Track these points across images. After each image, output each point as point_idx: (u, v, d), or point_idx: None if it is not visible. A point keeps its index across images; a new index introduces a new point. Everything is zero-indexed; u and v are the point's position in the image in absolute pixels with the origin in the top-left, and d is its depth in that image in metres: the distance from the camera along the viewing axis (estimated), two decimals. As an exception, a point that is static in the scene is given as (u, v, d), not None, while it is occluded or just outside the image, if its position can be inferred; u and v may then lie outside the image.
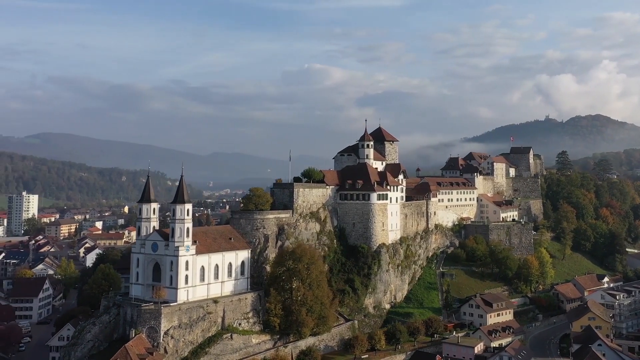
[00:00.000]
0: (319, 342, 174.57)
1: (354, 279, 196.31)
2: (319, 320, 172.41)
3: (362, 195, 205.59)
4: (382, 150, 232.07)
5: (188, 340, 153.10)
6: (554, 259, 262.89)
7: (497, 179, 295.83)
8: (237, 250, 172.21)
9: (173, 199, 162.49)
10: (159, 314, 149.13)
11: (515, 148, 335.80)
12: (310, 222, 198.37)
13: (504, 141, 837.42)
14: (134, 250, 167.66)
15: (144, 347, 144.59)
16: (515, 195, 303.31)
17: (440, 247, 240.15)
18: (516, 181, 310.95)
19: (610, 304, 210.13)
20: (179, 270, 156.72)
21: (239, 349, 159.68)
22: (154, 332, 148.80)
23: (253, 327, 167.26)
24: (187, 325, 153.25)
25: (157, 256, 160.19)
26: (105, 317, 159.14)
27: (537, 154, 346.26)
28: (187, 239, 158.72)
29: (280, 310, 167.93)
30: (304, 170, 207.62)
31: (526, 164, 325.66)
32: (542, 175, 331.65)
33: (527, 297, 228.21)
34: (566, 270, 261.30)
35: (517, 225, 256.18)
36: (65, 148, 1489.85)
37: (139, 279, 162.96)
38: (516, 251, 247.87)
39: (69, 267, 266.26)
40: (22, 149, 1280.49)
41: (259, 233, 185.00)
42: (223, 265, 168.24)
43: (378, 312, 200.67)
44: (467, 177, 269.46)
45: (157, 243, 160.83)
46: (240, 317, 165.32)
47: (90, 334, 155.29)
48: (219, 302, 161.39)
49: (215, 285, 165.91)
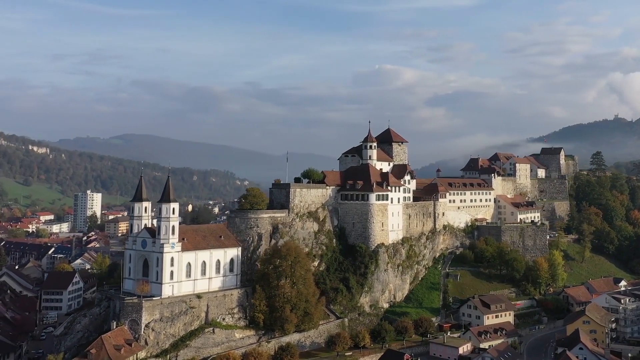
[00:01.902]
0: (304, 338, 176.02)
1: (349, 278, 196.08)
2: (304, 317, 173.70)
3: (361, 195, 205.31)
4: (390, 152, 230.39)
5: (169, 333, 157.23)
6: (573, 261, 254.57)
7: (519, 179, 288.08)
8: (226, 248, 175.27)
9: (160, 198, 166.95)
10: (140, 307, 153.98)
11: (545, 149, 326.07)
12: (307, 222, 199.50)
13: (571, 141, 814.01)
14: (127, 247, 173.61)
15: (123, 339, 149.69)
16: (541, 197, 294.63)
17: (449, 248, 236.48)
18: (543, 182, 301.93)
19: (615, 308, 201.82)
20: (164, 267, 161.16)
21: (220, 343, 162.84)
22: (136, 324, 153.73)
23: (238, 323, 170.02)
24: (168, 318, 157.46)
25: (146, 252, 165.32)
26: (96, 310, 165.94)
27: (571, 155, 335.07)
28: (172, 236, 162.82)
29: (265, 307, 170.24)
30: (304, 171, 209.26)
31: (557, 165, 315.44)
32: (573, 176, 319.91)
33: (534, 299, 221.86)
34: (584, 273, 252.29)
35: (531, 227, 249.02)
36: (146, 148, 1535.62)
37: (131, 274, 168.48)
38: (530, 253, 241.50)
39: (104, 262, 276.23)
40: (106, 150, 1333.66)
41: (252, 231, 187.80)
42: (211, 262, 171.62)
43: (375, 311, 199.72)
44: (484, 177, 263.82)
45: (145, 240, 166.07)
46: (224, 312, 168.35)
47: (80, 325, 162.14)
48: (203, 297, 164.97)
49: (202, 281, 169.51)
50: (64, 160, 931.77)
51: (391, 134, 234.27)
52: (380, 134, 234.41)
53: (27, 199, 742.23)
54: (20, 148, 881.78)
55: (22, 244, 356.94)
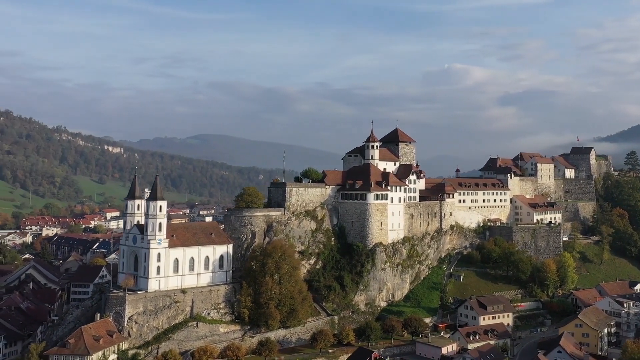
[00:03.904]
0: (291, 334, 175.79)
1: (343, 276, 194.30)
2: (289, 314, 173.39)
3: (360, 195, 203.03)
4: (397, 151, 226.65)
5: (153, 326, 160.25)
6: (590, 263, 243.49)
7: (541, 180, 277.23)
8: (216, 245, 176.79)
9: (148, 197, 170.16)
10: (124, 300, 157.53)
11: (576, 148, 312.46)
12: (304, 220, 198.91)
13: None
14: (121, 242, 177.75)
15: (105, 330, 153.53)
16: (566, 197, 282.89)
17: (456, 248, 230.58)
18: (568, 183, 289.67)
19: (618, 312, 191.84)
20: (150, 262, 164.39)
21: (204, 336, 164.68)
22: (119, 316, 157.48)
23: (223, 317, 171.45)
24: (152, 312, 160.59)
25: (136, 248, 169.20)
26: (88, 302, 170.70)
27: (603, 155, 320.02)
28: (159, 233, 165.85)
29: (251, 303, 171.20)
30: (303, 171, 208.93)
31: (587, 165, 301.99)
32: (604, 176, 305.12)
33: (539, 301, 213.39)
34: (602, 276, 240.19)
35: (544, 228, 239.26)
36: (219, 148, 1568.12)
37: (124, 268, 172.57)
38: (543, 254, 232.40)
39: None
40: (182, 149, 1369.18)
41: (246, 229, 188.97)
42: (199, 259, 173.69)
43: (370, 309, 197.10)
44: (500, 178, 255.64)
45: (136, 236, 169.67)
46: (210, 307, 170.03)
47: (72, 316, 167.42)
48: (188, 292, 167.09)
49: (190, 276, 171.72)
50: (136, 160, 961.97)
51: (398, 134, 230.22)
52: (387, 134, 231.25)
53: (101, 197, 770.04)
54: (96, 148, 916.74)
55: (72, 239, 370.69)
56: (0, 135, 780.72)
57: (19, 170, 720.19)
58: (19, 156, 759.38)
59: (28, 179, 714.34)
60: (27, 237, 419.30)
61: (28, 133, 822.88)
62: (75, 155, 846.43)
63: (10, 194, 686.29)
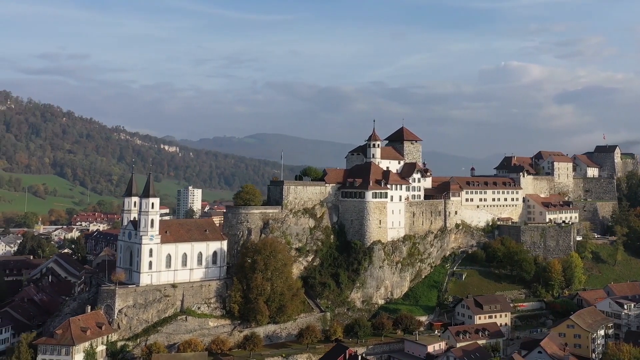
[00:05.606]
0: (280, 329, 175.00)
1: (339, 273, 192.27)
2: (278, 309, 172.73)
3: (359, 193, 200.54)
4: (402, 150, 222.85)
5: (142, 319, 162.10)
6: (604, 264, 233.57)
7: (558, 179, 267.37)
8: (209, 241, 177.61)
9: (141, 194, 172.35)
10: (114, 294, 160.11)
11: (600, 147, 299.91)
12: (302, 218, 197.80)
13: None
14: (119, 238, 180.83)
15: (95, 322, 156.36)
16: (586, 197, 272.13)
17: (462, 247, 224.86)
18: (589, 182, 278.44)
19: (618, 313, 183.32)
20: (142, 257, 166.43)
21: (193, 330, 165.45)
22: (110, 309, 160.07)
23: (214, 312, 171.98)
24: (142, 305, 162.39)
25: (130, 243, 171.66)
26: (85, 295, 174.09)
27: (630, 153, 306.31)
28: (151, 229, 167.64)
29: (241, 298, 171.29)
30: (303, 169, 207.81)
31: (611, 164, 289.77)
32: (627, 175, 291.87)
33: (542, 301, 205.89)
34: (615, 277, 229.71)
35: (554, 227, 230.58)
36: (275, 147, 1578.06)
37: (121, 263, 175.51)
38: (552, 254, 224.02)
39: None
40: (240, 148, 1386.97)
41: (242, 226, 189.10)
42: (192, 254, 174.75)
43: (367, 306, 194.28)
44: (512, 176, 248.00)
45: (130, 232, 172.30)
46: (200, 302, 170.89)
47: (68, 308, 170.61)
48: (178, 286, 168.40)
49: (182, 272, 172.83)
50: (191, 159, 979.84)
51: (404, 133, 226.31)
52: (393, 133, 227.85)
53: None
54: (153, 147, 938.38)
55: (110, 235, 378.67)
56: (62, 135, 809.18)
57: (79, 169, 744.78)
58: (79, 155, 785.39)
59: (87, 177, 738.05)
60: (73, 233, 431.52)
61: (88, 133, 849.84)
62: (132, 154, 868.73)
63: (70, 190, 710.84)
